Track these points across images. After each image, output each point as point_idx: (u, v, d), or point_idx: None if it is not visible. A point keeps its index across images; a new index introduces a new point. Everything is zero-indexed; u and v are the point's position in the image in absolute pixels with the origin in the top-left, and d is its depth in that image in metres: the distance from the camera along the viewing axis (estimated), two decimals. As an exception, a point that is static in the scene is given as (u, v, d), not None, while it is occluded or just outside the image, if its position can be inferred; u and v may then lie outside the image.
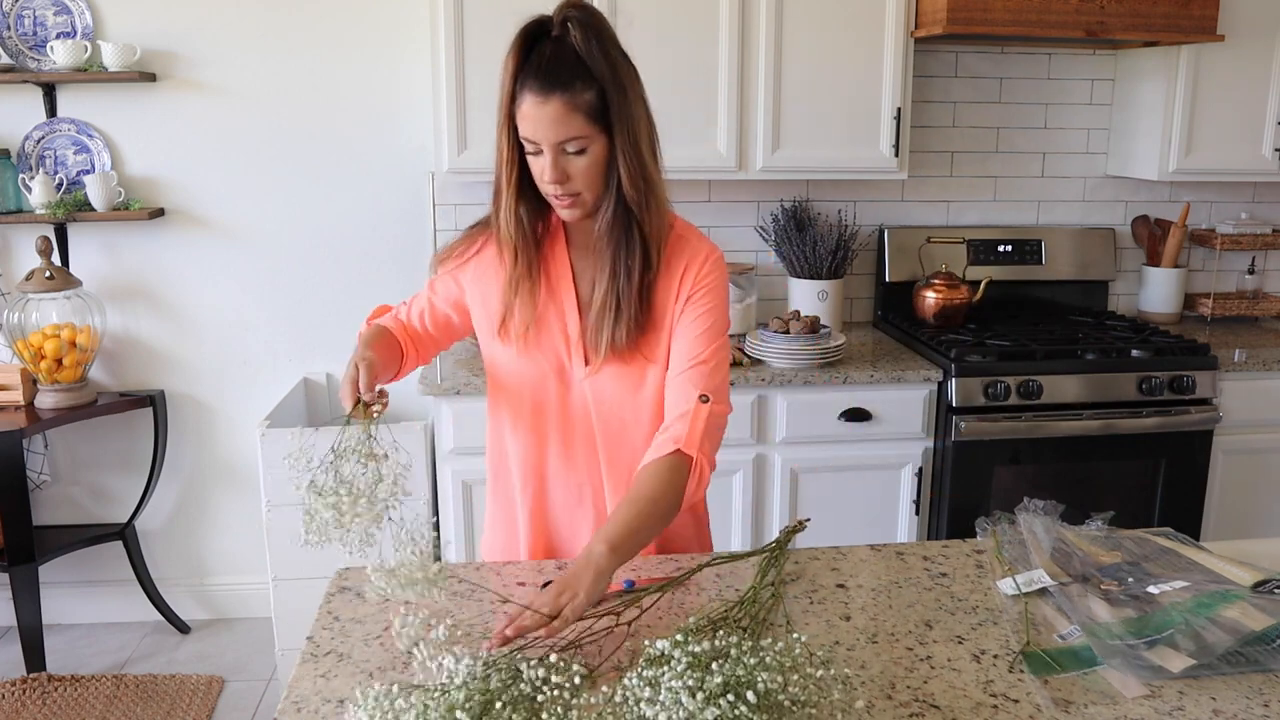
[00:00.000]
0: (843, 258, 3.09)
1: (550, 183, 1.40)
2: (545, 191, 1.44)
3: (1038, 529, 1.52)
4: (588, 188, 1.42)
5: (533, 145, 1.40)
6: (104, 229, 3.07)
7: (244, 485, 3.25)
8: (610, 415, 1.54)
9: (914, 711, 1.13)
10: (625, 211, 1.44)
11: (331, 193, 3.13)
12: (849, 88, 2.87)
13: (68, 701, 2.82)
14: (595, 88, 1.37)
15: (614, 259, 1.46)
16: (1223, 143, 3.07)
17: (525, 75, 1.37)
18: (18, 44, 2.94)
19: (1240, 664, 1.21)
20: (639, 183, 1.43)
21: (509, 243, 1.49)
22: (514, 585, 1.44)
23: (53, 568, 3.18)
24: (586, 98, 1.37)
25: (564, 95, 1.35)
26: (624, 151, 1.41)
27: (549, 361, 1.54)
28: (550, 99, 1.35)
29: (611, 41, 1.40)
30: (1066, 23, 2.75)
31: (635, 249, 1.46)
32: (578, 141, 1.38)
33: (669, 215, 1.51)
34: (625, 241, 1.46)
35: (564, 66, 1.36)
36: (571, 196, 1.42)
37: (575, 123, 1.37)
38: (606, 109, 1.38)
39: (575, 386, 1.54)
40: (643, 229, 1.46)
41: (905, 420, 2.77)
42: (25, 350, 2.92)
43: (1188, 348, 2.88)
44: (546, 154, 1.39)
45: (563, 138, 1.37)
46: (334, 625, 1.32)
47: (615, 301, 1.47)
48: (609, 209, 1.45)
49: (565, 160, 1.39)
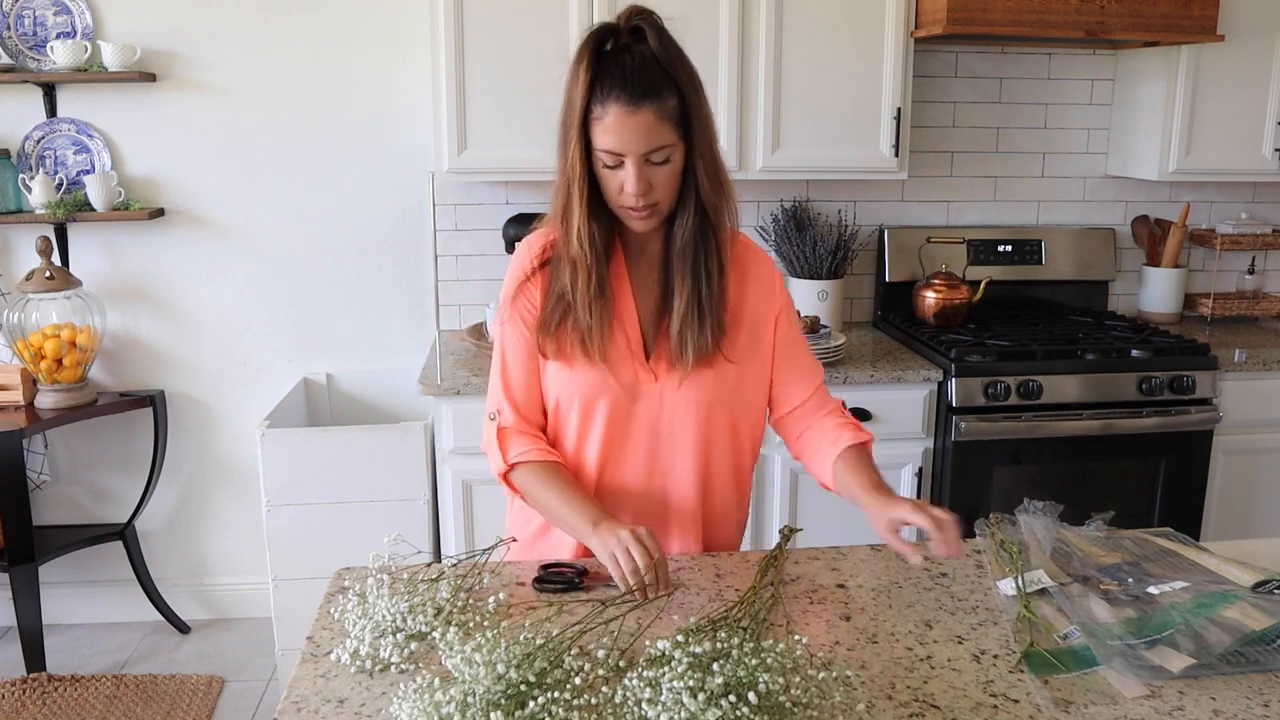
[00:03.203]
0: (843, 258, 3.09)
1: (635, 194, 1.38)
2: (622, 204, 1.41)
3: (1038, 529, 1.52)
4: (666, 197, 1.41)
5: (614, 158, 1.37)
6: (104, 229, 3.07)
7: (244, 485, 3.25)
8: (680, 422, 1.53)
9: (914, 711, 1.13)
10: (703, 217, 1.43)
11: (331, 193, 3.13)
12: (849, 88, 2.87)
13: (68, 701, 2.82)
14: (677, 94, 1.36)
15: (695, 265, 1.45)
16: (1223, 143, 3.07)
17: (607, 86, 1.34)
18: (18, 44, 2.94)
19: (1240, 664, 1.21)
20: (717, 186, 1.42)
21: (582, 261, 1.44)
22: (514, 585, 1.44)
23: (53, 568, 3.18)
24: (672, 104, 1.36)
25: (654, 103, 1.34)
26: (703, 156, 1.40)
27: (617, 376, 1.50)
28: (640, 109, 1.33)
29: (679, 46, 1.39)
30: (1066, 23, 2.75)
31: (713, 254, 1.46)
32: (664, 151, 1.37)
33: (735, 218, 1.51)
34: (704, 247, 1.45)
35: (650, 74, 1.34)
36: (650, 207, 1.40)
37: (664, 131, 1.36)
38: (687, 115, 1.37)
39: (642, 399, 1.51)
40: (718, 234, 1.45)
41: (905, 420, 2.77)
42: (25, 350, 2.92)
43: (1188, 348, 2.88)
44: (631, 166, 1.36)
45: (652, 147, 1.36)
46: (334, 625, 1.32)
47: (698, 308, 1.46)
48: (689, 216, 1.43)
49: (648, 171, 1.37)
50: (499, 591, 1.34)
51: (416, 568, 1.41)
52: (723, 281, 1.48)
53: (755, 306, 1.55)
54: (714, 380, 1.51)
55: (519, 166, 2.74)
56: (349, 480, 2.71)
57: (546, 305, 1.49)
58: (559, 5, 2.68)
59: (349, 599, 1.31)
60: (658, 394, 1.52)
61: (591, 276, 1.44)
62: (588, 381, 1.50)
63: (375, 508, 2.71)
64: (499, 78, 2.71)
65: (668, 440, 1.54)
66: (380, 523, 2.67)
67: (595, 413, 1.52)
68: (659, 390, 1.51)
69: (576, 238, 1.43)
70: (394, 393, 3.21)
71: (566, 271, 1.46)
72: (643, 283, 1.52)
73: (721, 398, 1.53)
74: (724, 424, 1.56)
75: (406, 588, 1.30)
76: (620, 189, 1.39)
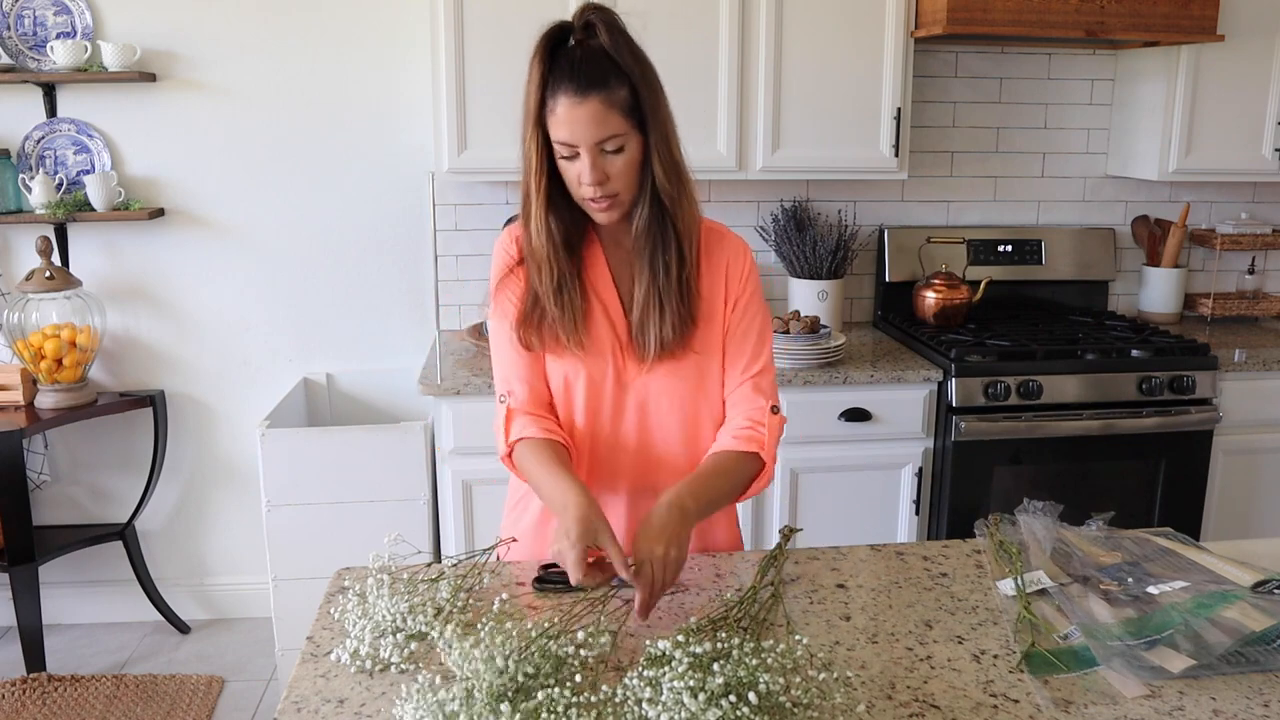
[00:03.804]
0: (843, 258, 3.09)
1: (591, 184, 1.40)
2: (582, 195, 1.43)
3: (1038, 529, 1.52)
4: (625, 187, 1.43)
5: (568, 149, 1.40)
6: (104, 229, 3.07)
7: (244, 485, 3.25)
8: (666, 411, 1.54)
9: (914, 711, 1.13)
10: (660, 208, 1.46)
11: (331, 192, 3.13)
12: (849, 88, 2.87)
13: (68, 701, 2.82)
14: (627, 84, 1.39)
15: (652, 257, 1.47)
16: (1223, 143, 3.07)
17: (557, 79, 1.38)
18: (18, 44, 2.94)
19: (1240, 664, 1.21)
20: (673, 177, 1.44)
21: (540, 254, 1.47)
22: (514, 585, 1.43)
23: (53, 568, 3.18)
24: (621, 95, 1.38)
25: (600, 93, 1.36)
26: (657, 147, 1.42)
27: (601, 365, 1.52)
28: (587, 98, 1.36)
29: (633, 40, 1.42)
30: (1066, 23, 2.75)
31: (671, 245, 1.47)
32: (616, 140, 1.39)
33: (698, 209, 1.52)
34: (661, 238, 1.47)
35: (596, 66, 1.37)
36: (610, 198, 1.42)
37: (613, 120, 1.38)
38: (639, 106, 1.40)
39: (631, 388, 1.54)
40: (676, 225, 1.47)
41: (905, 420, 2.77)
42: (25, 350, 2.92)
43: (1188, 348, 2.88)
44: (585, 156, 1.39)
45: (602, 137, 1.38)
46: (334, 625, 1.32)
47: (658, 299, 1.48)
48: (644, 207, 1.45)
49: (603, 161, 1.40)
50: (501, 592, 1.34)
51: (416, 568, 1.41)
52: (684, 273, 1.49)
53: (726, 288, 1.56)
54: (683, 371, 1.53)
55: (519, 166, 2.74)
56: (349, 480, 2.71)
57: (527, 301, 1.51)
58: (559, 5, 2.67)
59: (349, 599, 1.31)
60: (643, 385, 1.54)
61: (553, 269, 1.47)
62: (575, 370, 1.52)
63: (375, 508, 2.71)
64: (499, 78, 2.71)
65: (656, 433, 1.56)
66: (380, 523, 2.67)
67: (586, 400, 1.53)
68: (643, 381, 1.53)
69: (535, 231, 1.47)
70: (394, 393, 3.21)
71: (531, 266, 1.50)
72: (621, 272, 1.54)
73: (696, 388, 1.54)
74: (705, 413, 1.57)
75: (406, 588, 1.30)
76: (578, 180, 1.42)
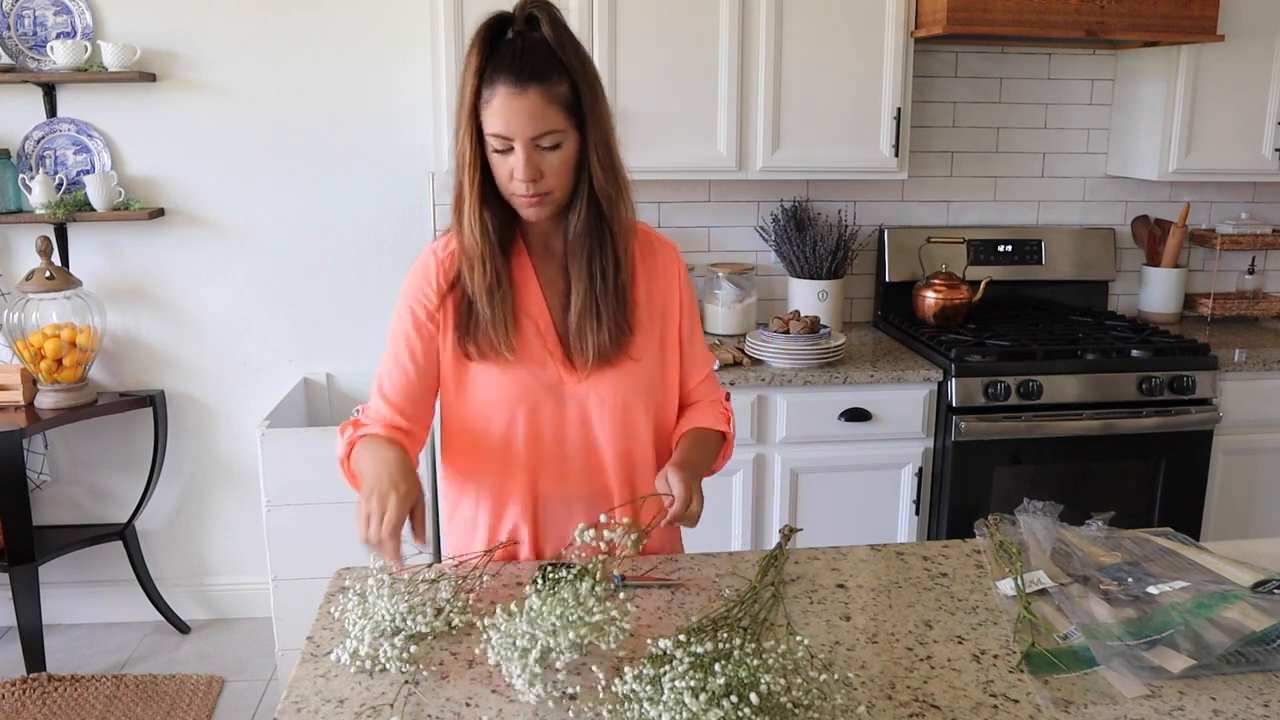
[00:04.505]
0: (843, 258, 3.09)
1: (524, 180, 1.36)
2: (512, 191, 1.39)
3: (1038, 529, 1.52)
4: (559, 185, 1.39)
5: (503, 142, 1.35)
6: (104, 229, 3.07)
7: (244, 485, 3.25)
8: (611, 416, 1.51)
9: (914, 711, 1.13)
10: (597, 210, 1.42)
11: (331, 192, 3.13)
12: (849, 88, 2.87)
13: (68, 701, 2.82)
14: (568, 81, 1.35)
15: (589, 262, 1.44)
16: (1223, 143, 3.07)
17: (496, 69, 1.33)
18: (18, 44, 2.94)
19: (1240, 664, 1.21)
20: (611, 179, 1.41)
21: (475, 251, 1.42)
22: (514, 585, 1.44)
23: (53, 568, 3.18)
24: (561, 90, 1.35)
25: (540, 87, 1.33)
26: (596, 146, 1.39)
27: (537, 376, 1.48)
28: (527, 91, 1.32)
29: (574, 36, 1.39)
30: (1066, 23, 2.75)
31: (609, 249, 1.44)
32: (553, 135, 1.35)
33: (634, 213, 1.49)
34: (599, 243, 1.43)
35: (538, 58, 1.34)
36: (541, 195, 1.38)
37: (551, 116, 1.34)
38: (579, 102, 1.37)
39: (569, 398, 1.49)
40: (613, 227, 1.44)
41: (905, 420, 2.77)
42: (25, 350, 2.92)
43: (1188, 348, 2.88)
44: (519, 150, 1.35)
45: (539, 131, 1.34)
46: (334, 625, 1.32)
47: (595, 306, 1.44)
48: (581, 209, 1.41)
49: (538, 157, 1.36)
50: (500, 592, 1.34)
51: (417, 568, 1.41)
52: (621, 279, 1.46)
53: (664, 300, 1.54)
54: (622, 379, 1.49)
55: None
56: (349, 480, 2.71)
57: (461, 308, 1.47)
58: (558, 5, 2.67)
59: (349, 599, 1.31)
60: (582, 394, 1.49)
61: (487, 266, 1.42)
62: (512, 386, 1.47)
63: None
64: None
65: (600, 439, 1.52)
66: (380, 523, 2.67)
67: (526, 417, 1.49)
68: (582, 390, 1.49)
69: (469, 227, 1.41)
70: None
71: (464, 266, 1.45)
72: (549, 280, 1.50)
73: (634, 395, 1.51)
74: (642, 420, 1.53)
75: (407, 588, 1.30)
76: (510, 175, 1.37)
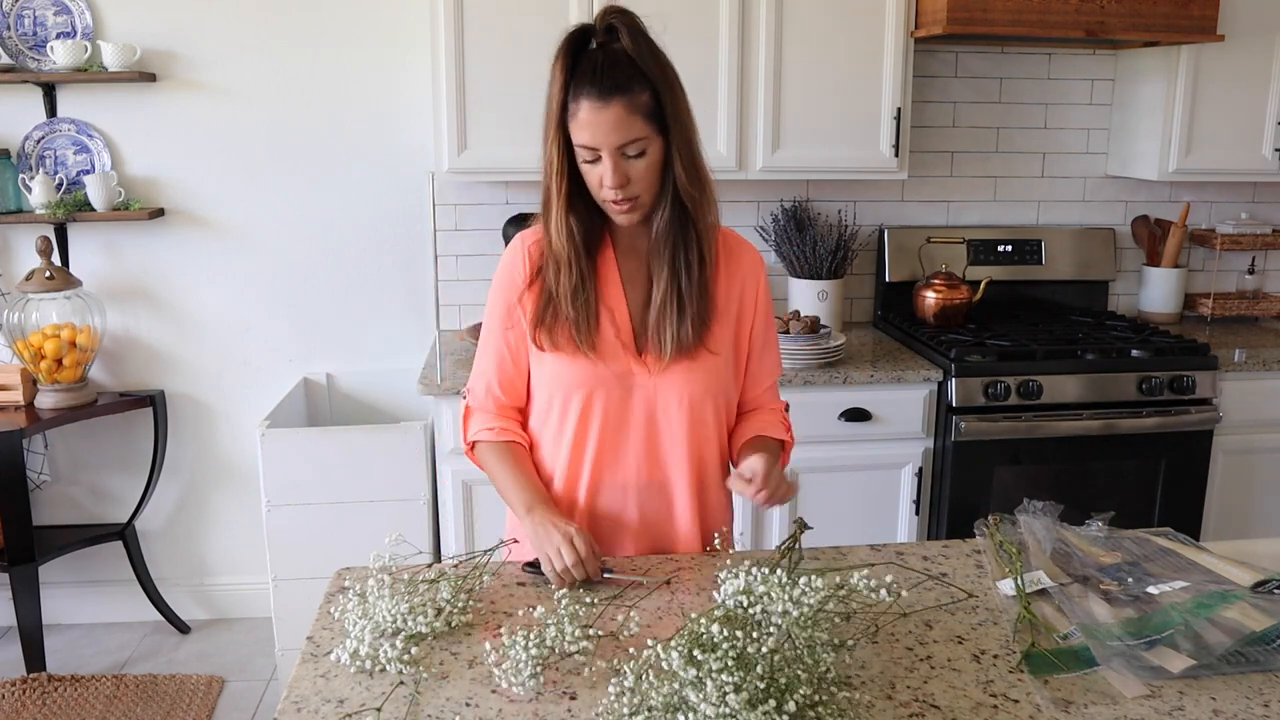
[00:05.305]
0: (843, 258, 3.09)
1: (613, 188, 1.42)
2: (604, 198, 1.45)
3: (1038, 529, 1.52)
4: (646, 190, 1.45)
5: (590, 153, 1.41)
6: (104, 229, 3.07)
7: (244, 485, 3.25)
8: (674, 412, 1.54)
9: (914, 711, 1.13)
10: (681, 210, 1.47)
11: (332, 192, 3.13)
12: (849, 88, 2.87)
13: (68, 701, 2.82)
14: (650, 89, 1.40)
15: (674, 257, 1.49)
16: (1223, 143, 3.07)
17: (579, 83, 1.39)
18: (18, 44, 2.94)
19: (1240, 664, 1.21)
20: (694, 179, 1.46)
21: (562, 255, 1.48)
22: (514, 585, 1.43)
23: (53, 568, 3.18)
24: (644, 99, 1.39)
25: (623, 98, 1.38)
26: (679, 150, 1.44)
27: (610, 367, 1.52)
28: (610, 103, 1.37)
29: (655, 43, 1.43)
30: (1066, 23, 2.75)
31: (693, 246, 1.49)
32: (638, 144, 1.40)
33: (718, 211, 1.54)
34: (683, 240, 1.48)
35: (619, 70, 1.38)
36: (630, 200, 1.44)
37: (635, 125, 1.39)
38: (661, 109, 1.41)
39: (637, 390, 1.53)
40: (697, 226, 1.48)
41: (905, 420, 2.77)
42: (25, 350, 2.92)
43: (1188, 348, 2.88)
44: (607, 159, 1.40)
45: (624, 140, 1.39)
46: (334, 625, 1.32)
47: (677, 299, 1.49)
48: (666, 209, 1.47)
49: (625, 164, 1.41)
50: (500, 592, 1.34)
51: (417, 568, 1.41)
52: (704, 274, 1.51)
53: (741, 300, 1.59)
54: (698, 371, 1.53)
55: (519, 166, 2.74)
56: (349, 480, 2.71)
57: (540, 301, 1.52)
58: (559, 5, 2.68)
59: (349, 599, 1.31)
60: (651, 386, 1.54)
61: (572, 270, 1.49)
62: (581, 373, 1.52)
63: (375, 508, 2.71)
64: (499, 78, 2.71)
65: (664, 432, 1.56)
66: (380, 523, 2.67)
67: (591, 404, 1.53)
68: (652, 382, 1.53)
69: (556, 232, 1.48)
70: (394, 393, 3.21)
71: (550, 266, 1.51)
72: (631, 277, 1.55)
73: (708, 388, 1.56)
74: (711, 415, 1.58)
75: (407, 588, 1.31)
76: (600, 183, 1.43)
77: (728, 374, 1.59)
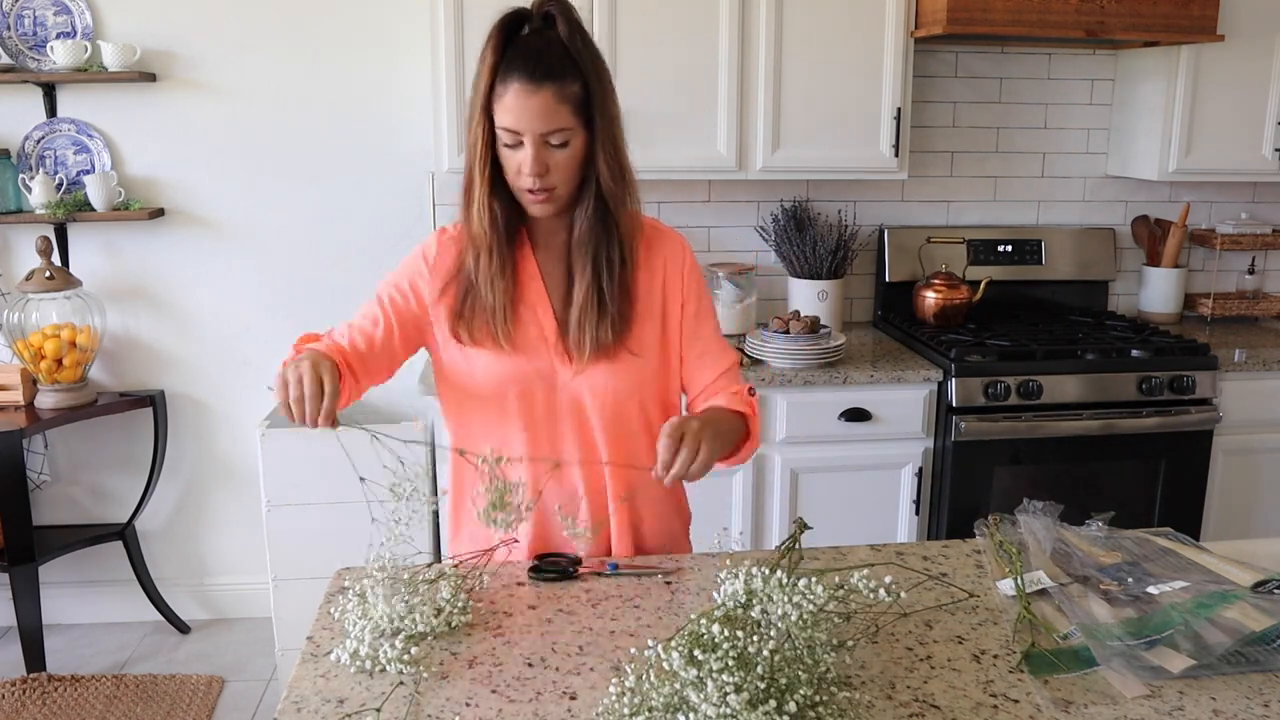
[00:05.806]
0: (843, 258, 3.09)
1: (531, 175, 1.39)
2: (520, 186, 1.42)
3: (1038, 529, 1.52)
4: (564, 182, 1.42)
5: (513, 137, 1.39)
6: (104, 229, 3.07)
7: (244, 485, 3.25)
8: (605, 410, 1.52)
9: (914, 711, 1.13)
10: (603, 207, 1.45)
11: (331, 192, 3.13)
12: (849, 87, 2.87)
13: (68, 701, 2.82)
14: (581, 81, 1.39)
15: (595, 256, 1.46)
16: (1223, 143, 3.07)
17: (510, 65, 1.37)
18: (18, 44, 2.94)
19: (1240, 664, 1.21)
20: (617, 177, 1.44)
21: (483, 239, 1.46)
22: (514, 585, 1.44)
23: (53, 568, 3.18)
24: (574, 90, 1.38)
25: (554, 85, 1.36)
26: (604, 145, 1.42)
27: (532, 364, 1.50)
28: (540, 89, 1.35)
29: (589, 36, 1.42)
30: (1066, 23, 2.75)
31: (614, 245, 1.47)
32: (562, 134, 1.38)
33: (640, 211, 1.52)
34: (605, 238, 1.46)
35: (552, 58, 1.37)
36: (547, 191, 1.42)
37: (562, 114, 1.37)
38: (590, 103, 1.40)
39: (562, 388, 1.51)
40: (619, 224, 1.46)
41: (905, 420, 2.77)
42: (25, 350, 2.92)
43: (1188, 348, 2.88)
44: (529, 146, 1.38)
45: (549, 128, 1.37)
46: (334, 625, 1.32)
47: (598, 299, 1.46)
48: (588, 205, 1.45)
49: (546, 153, 1.39)
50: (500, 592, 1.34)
51: (417, 568, 1.41)
52: (625, 274, 1.48)
53: (665, 291, 1.55)
54: (619, 373, 1.50)
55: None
56: (349, 480, 2.70)
57: (460, 291, 1.50)
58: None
59: (349, 599, 1.31)
60: (575, 384, 1.51)
61: (493, 255, 1.46)
62: (504, 370, 1.50)
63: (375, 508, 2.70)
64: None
65: (595, 429, 1.53)
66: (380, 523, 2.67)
67: (517, 400, 1.51)
68: (575, 381, 1.51)
69: (478, 216, 1.45)
70: (394, 393, 3.19)
71: (470, 253, 1.48)
72: (550, 273, 1.52)
73: (631, 389, 1.52)
74: (637, 415, 1.54)
75: (407, 588, 1.30)
76: (518, 170, 1.41)
77: (657, 371, 1.55)
